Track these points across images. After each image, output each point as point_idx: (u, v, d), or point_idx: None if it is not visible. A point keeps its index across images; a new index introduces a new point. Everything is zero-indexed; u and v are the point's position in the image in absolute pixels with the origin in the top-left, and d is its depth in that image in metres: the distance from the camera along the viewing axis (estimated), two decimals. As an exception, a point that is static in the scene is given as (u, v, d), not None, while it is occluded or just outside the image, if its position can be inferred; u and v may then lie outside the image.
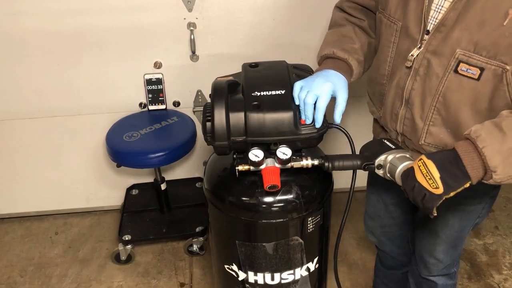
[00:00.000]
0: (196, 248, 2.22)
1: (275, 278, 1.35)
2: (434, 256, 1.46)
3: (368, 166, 1.16)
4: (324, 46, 1.31)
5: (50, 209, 2.49)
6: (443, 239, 1.42)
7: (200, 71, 2.13)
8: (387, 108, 1.28)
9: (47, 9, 1.95)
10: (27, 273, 2.19)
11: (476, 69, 1.06)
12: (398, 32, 1.19)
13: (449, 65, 1.09)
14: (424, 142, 1.21)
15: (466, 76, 1.08)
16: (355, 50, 1.28)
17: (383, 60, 1.25)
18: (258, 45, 2.09)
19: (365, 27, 1.33)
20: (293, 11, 2.03)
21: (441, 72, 1.11)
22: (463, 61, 1.07)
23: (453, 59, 1.08)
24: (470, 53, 1.05)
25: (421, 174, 1.00)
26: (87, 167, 2.37)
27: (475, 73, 1.06)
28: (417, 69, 1.15)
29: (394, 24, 1.19)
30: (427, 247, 1.47)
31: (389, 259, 1.73)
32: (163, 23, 2.02)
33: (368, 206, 1.62)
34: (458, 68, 1.08)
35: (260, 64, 1.34)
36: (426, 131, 1.19)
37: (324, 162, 1.18)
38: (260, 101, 1.19)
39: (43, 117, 2.20)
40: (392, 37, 1.21)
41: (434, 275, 1.52)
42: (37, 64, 2.07)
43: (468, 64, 1.06)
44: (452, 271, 1.53)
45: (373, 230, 1.65)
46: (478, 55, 1.04)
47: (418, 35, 1.14)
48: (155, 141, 2.01)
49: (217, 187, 1.32)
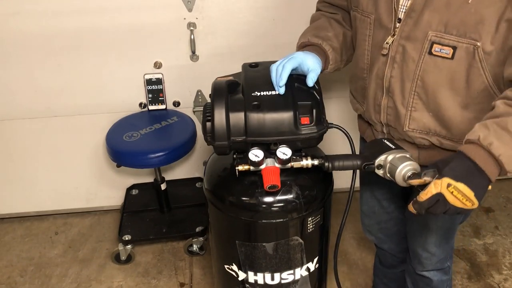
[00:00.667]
0: (196, 248, 2.22)
1: (275, 278, 1.35)
2: (426, 249, 1.47)
3: (368, 166, 1.16)
4: (300, 36, 1.38)
5: (50, 209, 2.50)
6: (434, 230, 1.43)
7: (200, 71, 2.13)
8: (369, 100, 1.31)
9: (47, 9, 1.95)
10: (27, 273, 2.19)
11: (449, 48, 1.09)
12: (372, 25, 1.24)
13: (423, 48, 1.13)
14: (409, 129, 1.24)
15: (440, 56, 1.11)
16: (329, 37, 1.33)
17: (361, 54, 1.30)
18: (258, 45, 2.09)
19: (339, 19, 1.39)
20: (293, 11, 2.03)
21: (416, 56, 1.15)
22: (436, 42, 1.11)
23: (426, 42, 1.12)
24: (441, 33, 1.09)
25: (454, 198, 1.00)
26: (87, 167, 2.37)
27: (448, 53, 1.10)
28: (393, 57, 1.19)
29: (367, 17, 1.24)
30: (419, 241, 1.48)
31: (388, 257, 1.73)
32: (163, 23, 2.02)
33: (363, 204, 1.63)
34: (432, 50, 1.12)
35: (260, 64, 1.34)
36: (409, 117, 1.22)
37: (324, 162, 1.18)
38: (260, 101, 1.19)
39: (43, 117, 2.20)
40: (367, 30, 1.25)
41: (428, 269, 1.53)
42: (37, 64, 2.07)
43: (441, 45, 1.10)
44: (446, 266, 1.54)
45: (370, 228, 1.66)
46: (449, 35, 1.08)
47: (390, 24, 1.18)
48: (155, 141, 2.01)
49: (217, 187, 1.32)
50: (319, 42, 1.31)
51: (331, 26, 1.37)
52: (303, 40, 1.35)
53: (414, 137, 1.25)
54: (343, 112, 2.05)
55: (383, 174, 1.15)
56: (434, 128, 1.22)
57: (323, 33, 1.34)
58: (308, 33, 1.35)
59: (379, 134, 1.35)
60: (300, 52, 1.26)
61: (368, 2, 1.23)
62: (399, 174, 1.09)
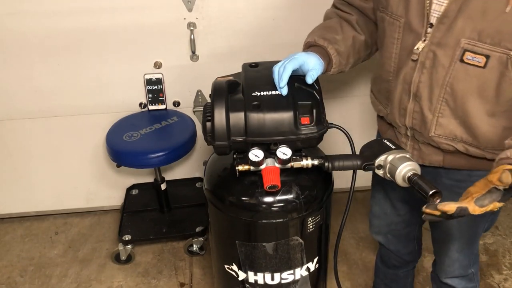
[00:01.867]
0: (196, 248, 2.22)
1: (275, 278, 1.35)
2: (449, 255, 1.46)
3: (368, 166, 1.16)
4: (309, 34, 1.36)
5: (50, 209, 2.50)
6: (457, 237, 1.41)
7: (200, 71, 2.13)
8: (394, 104, 1.29)
9: (47, 9, 1.95)
10: (27, 273, 2.19)
11: (482, 57, 1.07)
12: (401, 28, 1.21)
13: (455, 55, 1.11)
14: (434, 134, 1.23)
15: (472, 64, 1.09)
16: (336, 40, 1.31)
17: (388, 57, 1.27)
18: (258, 45, 2.09)
19: (353, 22, 1.36)
20: (293, 11, 2.03)
21: (447, 63, 1.13)
22: (468, 50, 1.08)
23: (458, 49, 1.10)
24: (474, 41, 1.07)
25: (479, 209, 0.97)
26: (87, 167, 2.36)
27: (481, 61, 1.08)
28: (423, 62, 1.17)
29: (396, 20, 1.21)
30: (442, 247, 1.47)
31: (392, 258, 1.72)
32: (163, 23, 2.02)
33: (374, 205, 1.61)
34: (464, 57, 1.10)
35: (260, 64, 1.34)
36: (436, 123, 1.21)
37: (324, 162, 1.18)
38: (260, 101, 1.19)
39: (43, 117, 2.20)
40: (395, 34, 1.23)
41: (450, 276, 1.51)
42: (37, 64, 2.07)
43: (474, 53, 1.08)
44: (470, 272, 1.52)
45: (380, 229, 1.64)
46: (483, 43, 1.06)
47: (421, 29, 1.16)
48: (155, 141, 2.01)
49: (217, 187, 1.32)
50: (324, 45, 1.29)
51: (341, 29, 1.34)
52: (309, 40, 1.33)
53: (439, 143, 1.24)
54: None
55: (383, 174, 1.14)
56: (460, 135, 1.20)
57: (331, 35, 1.32)
58: (316, 33, 1.34)
59: (402, 136, 1.34)
60: (303, 53, 1.25)
61: (398, 5, 1.20)
62: (399, 174, 1.09)
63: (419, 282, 2.08)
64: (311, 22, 2.05)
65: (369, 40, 1.37)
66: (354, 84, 2.26)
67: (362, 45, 1.36)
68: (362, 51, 1.38)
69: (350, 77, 2.19)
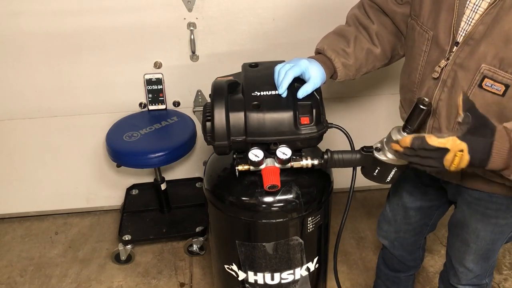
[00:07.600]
0: (196, 248, 2.22)
1: (275, 278, 1.35)
2: (463, 264, 1.43)
3: (367, 149, 1.17)
4: (322, 39, 1.35)
5: (50, 209, 2.49)
6: (474, 249, 1.39)
7: (200, 71, 2.13)
8: None
9: (47, 9, 1.95)
10: (27, 273, 2.19)
11: (501, 85, 1.05)
12: (429, 41, 1.19)
13: (474, 79, 1.09)
14: None
15: (490, 91, 1.07)
16: (346, 53, 1.29)
17: (415, 67, 1.25)
18: (258, 45, 2.08)
19: (371, 32, 1.33)
20: (293, 11, 2.03)
21: (466, 86, 1.11)
22: (488, 76, 1.06)
23: (478, 74, 1.07)
24: (495, 69, 1.05)
25: (450, 161, 0.97)
26: (87, 167, 2.37)
27: (499, 89, 1.05)
28: (445, 80, 1.15)
29: (426, 32, 1.19)
30: (457, 255, 1.44)
31: (395, 262, 1.71)
32: (163, 23, 2.02)
33: (387, 210, 1.59)
34: (483, 84, 1.07)
35: (260, 64, 1.34)
36: None
37: (324, 155, 1.19)
38: (260, 101, 1.19)
39: (43, 117, 2.20)
40: (424, 46, 1.20)
41: (463, 284, 1.48)
42: (37, 64, 2.07)
43: (493, 80, 1.05)
44: (484, 283, 1.49)
45: (388, 234, 1.63)
46: (504, 72, 1.04)
47: (447, 46, 1.14)
48: (155, 141, 2.01)
49: (217, 187, 1.32)
50: (331, 57, 1.28)
51: (355, 41, 1.32)
52: (319, 47, 1.31)
53: None
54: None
55: (384, 155, 1.14)
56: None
57: (341, 46, 1.30)
58: (327, 40, 1.32)
59: None
60: (306, 60, 1.23)
61: (429, 17, 1.17)
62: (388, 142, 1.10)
63: (419, 282, 2.08)
64: (311, 22, 2.06)
65: (386, 53, 1.35)
66: (354, 85, 2.23)
67: (376, 57, 1.34)
68: (377, 63, 1.36)
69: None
